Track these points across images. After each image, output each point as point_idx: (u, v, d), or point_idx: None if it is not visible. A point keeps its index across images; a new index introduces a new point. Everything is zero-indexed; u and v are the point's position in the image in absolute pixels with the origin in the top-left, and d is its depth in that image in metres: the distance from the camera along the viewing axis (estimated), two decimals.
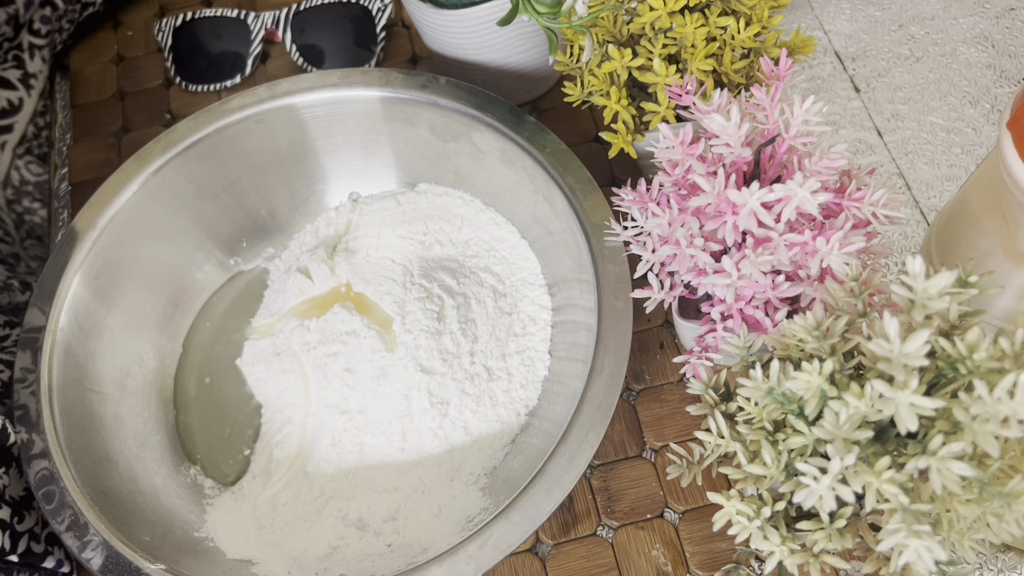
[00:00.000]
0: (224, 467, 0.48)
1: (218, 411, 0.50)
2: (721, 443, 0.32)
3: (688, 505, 0.45)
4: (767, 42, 0.43)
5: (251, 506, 0.45)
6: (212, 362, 0.51)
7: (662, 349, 0.49)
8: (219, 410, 0.50)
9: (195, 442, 0.49)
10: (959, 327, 0.28)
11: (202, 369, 0.51)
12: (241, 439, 0.49)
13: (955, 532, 0.28)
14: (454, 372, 0.46)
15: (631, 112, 0.43)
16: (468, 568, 0.36)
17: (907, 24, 0.61)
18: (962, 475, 0.25)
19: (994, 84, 0.57)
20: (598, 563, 0.44)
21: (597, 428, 0.39)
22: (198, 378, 0.51)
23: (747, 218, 0.33)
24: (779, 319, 0.36)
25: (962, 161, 0.54)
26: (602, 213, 0.44)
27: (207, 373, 0.51)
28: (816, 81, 0.59)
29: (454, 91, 0.48)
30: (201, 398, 0.50)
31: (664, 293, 0.38)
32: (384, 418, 0.46)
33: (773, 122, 0.35)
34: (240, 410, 0.49)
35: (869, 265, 0.36)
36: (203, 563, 0.41)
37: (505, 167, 0.49)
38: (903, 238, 0.52)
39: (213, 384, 0.51)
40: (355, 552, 0.43)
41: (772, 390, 0.29)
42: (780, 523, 0.31)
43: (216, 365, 0.51)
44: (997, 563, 0.42)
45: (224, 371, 0.51)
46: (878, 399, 0.26)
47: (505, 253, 0.51)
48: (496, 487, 0.44)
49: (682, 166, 0.35)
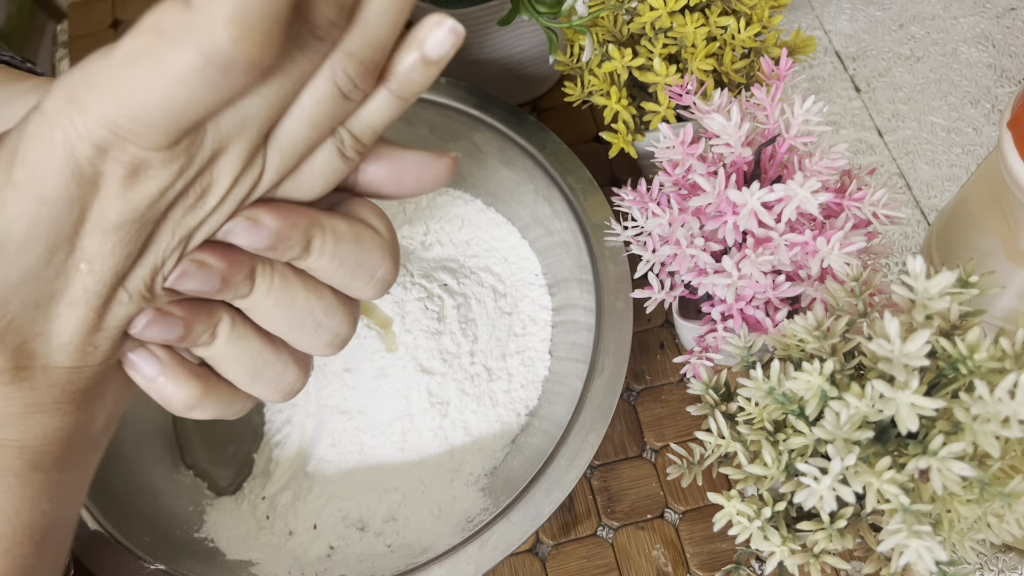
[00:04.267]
0: (224, 467, 0.48)
1: None
2: (721, 443, 0.32)
3: (688, 505, 0.45)
4: (767, 42, 0.43)
5: (251, 506, 0.45)
6: None
7: (662, 349, 0.49)
8: None
9: (195, 442, 0.49)
10: (960, 327, 0.28)
11: None
12: (241, 439, 0.49)
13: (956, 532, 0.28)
14: (454, 372, 0.46)
15: (631, 112, 0.43)
16: (468, 568, 0.36)
17: (908, 24, 0.61)
18: (963, 475, 0.25)
19: (995, 84, 0.57)
20: (598, 563, 0.44)
21: (597, 428, 0.39)
22: None
23: (747, 218, 0.33)
24: (780, 319, 0.36)
25: (963, 161, 0.54)
26: (602, 213, 0.44)
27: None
28: (816, 81, 0.59)
29: (454, 91, 0.48)
30: None
31: (664, 293, 0.38)
32: (384, 418, 0.46)
33: (773, 122, 0.35)
34: None
35: (870, 265, 0.36)
36: (203, 563, 0.41)
37: (505, 167, 0.49)
38: (904, 238, 0.52)
39: None
40: (355, 552, 0.43)
41: (772, 390, 0.29)
42: (780, 523, 0.31)
43: None
44: (998, 563, 0.42)
45: None
46: (879, 399, 0.26)
47: (505, 253, 0.51)
48: (496, 487, 0.44)
49: (682, 166, 0.35)
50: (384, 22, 0.21)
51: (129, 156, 0.20)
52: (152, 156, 0.20)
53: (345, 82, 0.22)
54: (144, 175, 0.21)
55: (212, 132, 0.21)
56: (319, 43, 0.21)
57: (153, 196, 0.21)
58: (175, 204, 0.22)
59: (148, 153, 0.20)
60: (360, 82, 0.22)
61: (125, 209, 0.21)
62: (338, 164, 0.24)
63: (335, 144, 0.24)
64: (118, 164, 0.20)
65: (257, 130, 0.22)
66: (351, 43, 0.21)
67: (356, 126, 0.24)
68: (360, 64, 0.22)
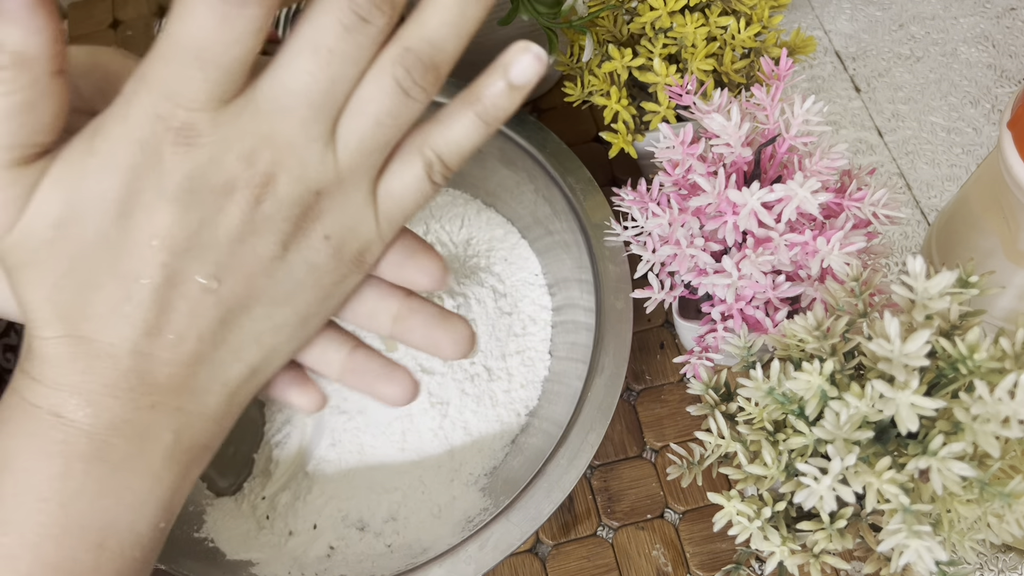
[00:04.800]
0: (224, 468, 0.48)
1: None
2: (721, 443, 0.32)
3: (688, 505, 0.45)
4: (767, 42, 0.43)
5: (251, 506, 0.45)
6: None
7: (662, 349, 0.49)
8: None
9: None
10: (960, 327, 0.28)
11: None
12: (241, 439, 0.49)
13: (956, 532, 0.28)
14: (454, 372, 0.46)
15: (631, 112, 0.43)
16: (468, 568, 0.36)
17: (908, 24, 0.60)
18: (963, 475, 0.25)
19: (995, 84, 0.57)
20: (598, 563, 0.44)
21: (597, 428, 0.39)
22: None
23: (747, 218, 0.33)
24: (779, 319, 0.36)
25: (963, 161, 0.54)
26: (602, 213, 0.44)
27: None
28: (816, 81, 0.59)
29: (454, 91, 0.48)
30: None
31: (664, 293, 0.38)
32: (384, 418, 0.46)
33: (773, 122, 0.35)
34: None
35: (870, 265, 0.36)
36: (203, 563, 0.41)
37: (505, 167, 0.49)
38: (904, 238, 0.52)
39: None
40: (355, 552, 0.43)
41: (772, 390, 0.29)
42: (780, 523, 0.31)
43: None
44: (998, 563, 0.42)
45: None
46: (879, 399, 0.26)
47: (505, 253, 0.51)
48: (496, 487, 0.44)
49: (682, 166, 0.35)
50: (443, 22, 0.22)
51: (179, 120, 0.21)
52: (198, 118, 0.21)
53: (404, 77, 0.22)
54: (194, 141, 0.21)
55: (260, 104, 0.22)
56: (364, 24, 0.21)
57: (204, 164, 0.22)
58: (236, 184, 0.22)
59: (194, 115, 0.21)
60: (419, 79, 0.23)
61: (180, 177, 0.22)
62: (426, 186, 0.25)
63: (423, 165, 0.24)
64: (170, 130, 0.21)
65: (311, 111, 0.22)
66: (409, 38, 0.22)
67: (443, 148, 0.24)
68: (418, 60, 0.22)
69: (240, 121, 0.22)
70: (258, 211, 0.23)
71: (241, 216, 0.22)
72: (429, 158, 0.24)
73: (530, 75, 0.23)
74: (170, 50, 0.21)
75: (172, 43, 0.21)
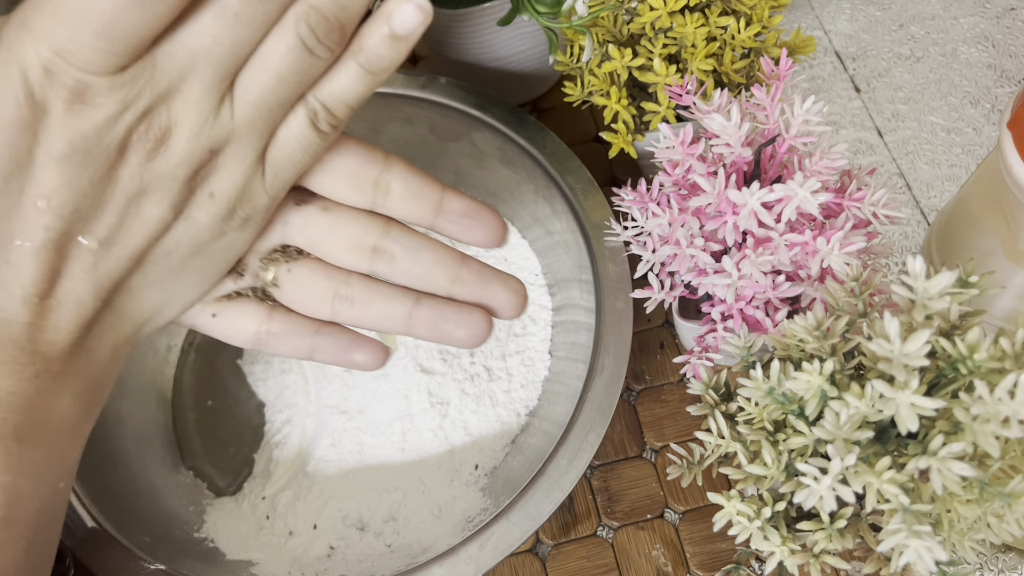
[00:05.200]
0: (224, 468, 0.48)
1: (218, 412, 0.50)
2: (721, 443, 0.32)
3: (688, 505, 0.45)
4: (767, 42, 0.43)
5: (251, 506, 0.45)
6: (212, 361, 0.51)
7: (662, 349, 0.49)
8: (219, 411, 0.50)
9: (195, 442, 0.49)
10: (960, 327, 0.28)
11: (202, 369, 0.51)
12: (241, 439, 0.49)
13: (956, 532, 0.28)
14: (454, 372, 0.46)
15: (631, 112, 0.43)
16: (468, 568, 0.36)
17: (907, 24, 0.61)
18: (963, 475, 0.25)
19: (995, 84, 0.57)
20: (598, 563, 0.44)
21: (597, 428, 0.39)
22: (198, 378, 0.51)
23: (747, 218, 0.33)
24: (779, 319, 0.36)
25: (963, 161, 0.54)
26: (602, 213, 0.44)
27: (207, 373, 0.51)
28: (816, 81, 0.59)
29: (454, 91, 0.48)
30: (201, 399, 0.50)
31: (664, 293, 0.38)
32: (384, 418, 0.46)
33: (773, 122, 0.35)
34: (241, 410, 0.49)
35: (870, 265, 0.36)
36: (203, 563, 0.41)
37: (505, 167, 0.49)
38: (903, 238, 0.52)
39: (213, 384, 0.51)
40: (355, 553, 0.43)
41: (772, 390, 0.29)
42: (780, 523, 0.31)
43: (216, 365, 0.51)
44: (998, 563, 0.42)
45: (225, 371, 0.51)
46: (879, 399, 0.26)
47: (505, 253, 0.51)
48: (496, 487, 0.44)
49: (682, 166, 0.35)
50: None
51: (72, 79, 0.20)
52: (94, 80, 0.20)
53: (308, 34, 0.22)
54: (89, 101, 0.21)
55: (161, 65, 0.21)
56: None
57: (99, 124, 0.21)
58: (130, 143, 0.22)
59: (90, 77, 0.20)
60: (323, 36, 0.22)
61: (72, 136, 0.21)
62: (312, 137, 0.25)
63: (307, 114, 0.24)
64: (63, 88, 0.20)
65: (211, 70, 0.22)
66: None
67: (327, 97, 0.24)
68: (323, 18, 0.22)
69: (139, 82, 0.21)
70: (149, 169, 0.22)
71: (132, 175, 0.22)
72: (313, 106, 0.24)
73: (412, 24, 0.23)
74: (67, 11, 0.20)
75: (71, 7, 0.20)
